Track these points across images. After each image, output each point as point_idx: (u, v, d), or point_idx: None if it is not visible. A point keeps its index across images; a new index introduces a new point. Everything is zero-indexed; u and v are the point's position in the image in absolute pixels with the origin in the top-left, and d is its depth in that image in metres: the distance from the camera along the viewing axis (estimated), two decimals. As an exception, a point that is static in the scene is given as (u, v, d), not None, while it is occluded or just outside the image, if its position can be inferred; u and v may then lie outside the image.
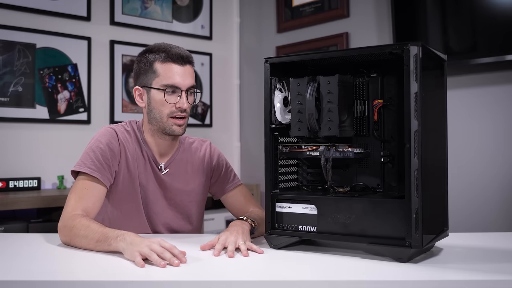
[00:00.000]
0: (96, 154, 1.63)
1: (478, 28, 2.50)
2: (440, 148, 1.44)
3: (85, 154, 1.64)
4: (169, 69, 1.65)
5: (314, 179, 1.58)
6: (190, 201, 1.79)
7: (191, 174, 1.79)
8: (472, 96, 2.59)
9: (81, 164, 1.62)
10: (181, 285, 1.12)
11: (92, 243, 1.40)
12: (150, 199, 1.72)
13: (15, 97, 2.81)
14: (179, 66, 1.66)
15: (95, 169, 1.61)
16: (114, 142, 1.67)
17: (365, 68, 1.49)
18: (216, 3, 3.70)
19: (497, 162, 2.51)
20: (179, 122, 1.67)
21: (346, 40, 3.11)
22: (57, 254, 1.38)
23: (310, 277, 1.19)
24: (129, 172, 1.69)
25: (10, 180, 2.70)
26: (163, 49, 1.67)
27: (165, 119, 1.67)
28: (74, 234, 1.45)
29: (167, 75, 1.65)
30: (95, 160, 1.62)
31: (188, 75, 1.67)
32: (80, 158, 1.64)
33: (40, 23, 2.91)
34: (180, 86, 1.65)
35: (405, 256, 1.25)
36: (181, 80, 1.65)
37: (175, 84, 1.65)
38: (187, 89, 1.67)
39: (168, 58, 1.65)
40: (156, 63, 1.66)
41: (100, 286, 1.12)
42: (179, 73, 1.66)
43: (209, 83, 3.63)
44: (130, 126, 1.75)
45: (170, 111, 1.66)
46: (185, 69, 1.67)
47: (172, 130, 1.68)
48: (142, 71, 1.69)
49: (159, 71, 1.65)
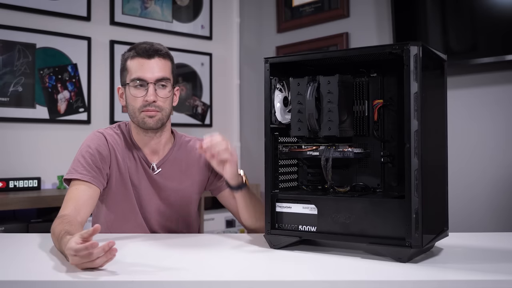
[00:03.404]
0: (86, 159, 1.64)
1: (478, 28, 2.49)
2: (440, 148, 1.44)
3: (76, 160, 1.66)
4: (135, 63, 1.68)
5: (314, 179, 1.58)
6: (186, 200, 1.79)
7: (185, 173, 1.79)
8: (472, 96, 2.59)
9: (72, 171, 1.63)
10: (181, 285, 1.12)
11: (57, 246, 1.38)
12: (144, 200, 1.72)
13: (15, 97, 2.81)
14: (145, 59, 1.68)
15: (86, 174, 1.62)
16: (103, 146, 1.68)
17: (365, 68, 1.49)
18: (216, 3, 3.70)
19: (497, 162, 2.51)
20: (150, 114, 1.67)
21: (346, 40, 3.11)
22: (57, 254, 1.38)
23: (310, 277, 1.19)
24: (121, 175, 1.69)
25: (10, 180, 2.70)
26: (133, 46, 1.72)
27: (137, 113, 1.68)
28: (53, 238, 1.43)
29: (133, 69, 1.68)
30: (85, 165, 1.63)
31: (156, 68, 1.68)
32: (71, 165, 1.66)
33: (40, 23, 2.91)
34: (145, 78, 1.66)
35: (405, 256, 1.25)
36: (145, 73, 1.66)
37: (140, 77, 1.66)
38: (155, 81, 1.67)
39: (135, 53, 1.69)
40: (127, 60, 1.71)
41: (100, 286, 1.12)
42: (144, 66, 1.67)
43: (209, 83, 3.63)
44: (119, 129, 1.77)
45: (140, 105, 1.67)
46: (152, 61, 1.68)
47: (144, 123, 1.68)
48: (120, 70, 1.75)
49: (129, 67, 1.69)
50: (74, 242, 1.16)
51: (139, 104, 1.67)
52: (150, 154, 1.75)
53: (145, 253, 1.41)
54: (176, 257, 1.36)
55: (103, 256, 1.16)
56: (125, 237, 1.62)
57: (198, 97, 3.54)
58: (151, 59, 1.68)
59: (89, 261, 1.15)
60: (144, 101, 1.66)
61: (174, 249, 1.48)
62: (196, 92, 3.54)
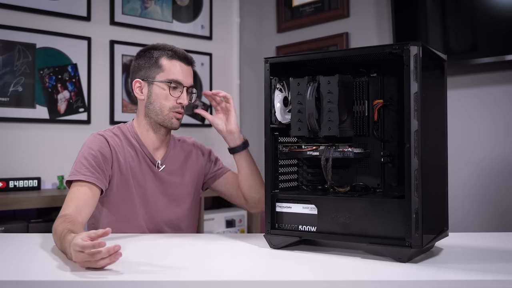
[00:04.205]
0: (89, 161, 1.64)
1: (478, 28, 2.49)
2: (440, 148, 1.44)
3: (78, 162, 1.66)
4: (175, 65, 1.74)
5: (314, 179, 1.58)
6: (187, 194, 1.83)
7: (184, 166, 1.84)
8: (472, 96, 2.59)
9: (75, 172, 1.63)
10: (181, 285, 1.12)
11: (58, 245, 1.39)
12: (150, 199, 1.74)
13: (15, 97, 2.81)
14: (184, 65, 1.76)
15: (90, 175, 1.62)
16: (105, 147, 1.69)
17: (365, 68, 1.49)
18: (216, 3, 3.70)
19: (497, 162, 2.51)
20: (179, 116, 1.75)
21: (346, 40, 3.11)
22: (58, 254, 1.38)
23: (310, 277, 1.19)
24: (122, 176, 1.70)
25: (10, 180, 2.70)
26: (169, 47, 1.77)
27: (166, 112, 1.73)
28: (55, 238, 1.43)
29: (172, 71, 1.73)
30: (88, 166, 1.63)
31: (190, 75, 1.77)
32: (73, 167, 1.65)
33: (40, 23, 2.91)
34: (183, 83, 1.73)
35: (405, 256, 1.25)
36: (185, 78, 1.74)
37: (180, 80, 1.73)
38: (188, 87, 1.75)
39: (175, 55, 1.75)
40: (162, 58, 1.74)
41: (100, 286, 1.12)
42: (183, 71, 1.75)
43: (209, 83, 3.62)
44: (119, 130, 1.78)
45: (172, 106, 1.73)
46: (189, 69, 1.77)
47: (171, 123, 1.74)
48: (146, 65, 1.75)
49: (165, 66, 1.73)
50: (80, 239, 1.17)
51: (171, 104, 1.72)
52: (154, 152, 1.79)
53: (145, 253, 1.41)
54: (176, 257, 1.36)
55: (107, 258, 1.17)
56: (125, 237, 1.62)
57: (198, 97, 3.54)
58: (189, 66, 1.77)
59: (93, 260, 1.16)
60: (177, 103, 1.73)
61: (174, 249, 1.48)
62: (196, 92, 3.54)
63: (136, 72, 1.77)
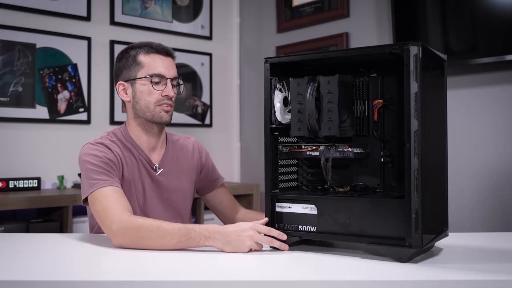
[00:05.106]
0: (98, 169, 1.58)
1: (478, 28, 2.49)
2: (440, 148, 1.44)
3: (88, 174, 1.59)
4: (154, 59, 1.71)
5: (314, 179, 1.58)
6: (184, 198, 1.81)
7: (182, 171, 1.81)
8: (472, 96, 2.59)
9: (91, 185, 1.56)
10: (181, 285, 1.12)
11: (171, 243, 1.41)
12: (148, 203, 1.72)
13: (15, 97, 2.81)
14: (163, 56, 1.73)
15: (108, 179, 1.57)
16: (108, 152, 1.64)
17: (365, 68, 1.49)
18: (216, 3, 3.70)
19: (497, 162, 2.51)
20: (167, 109, 1.71)
21: (346, 40, 3.11)
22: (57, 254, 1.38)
23: (310, 277, 1.19)
24: (125, 181, 1.67)
25: (10, 180, 2.70)
26: (145, 44, 1.74)
27: (152, 108, 1.69)
28: (142, 236, 1.42)
29: (152, 65, 1.70)
30: (101, 172, 1.58)
31: (171, 66, 1.74)
32: (85, 182, 1.58)
33: (40, 23, 2.91)
34: (165, 74, 1.70)
35: (405, 256, 1.25)
36: (166, 70, 1.71)
37: (161, 73, 1.69)
38: (172, 79, 1.72)
39: (152, 49, 1.72)
40: (139, 55, 1.71)
41: (100, 286, 1.12)
42: (163, 63, 1.72)
43: (209, 83, 3.62)
44: (114, 135, 1.73)
45: (157, 100, 1.69)
46: (169, 60, 1.74)
47: (160, 117, 1.70)
48: (126, 66, 1.73)
49: (144, 62, 1.70)
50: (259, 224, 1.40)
51: (155, 99, 1.69)
52: (151, 154, 1.75)
53: (144, 253, 1.41)
54: (176, 257, 1.36)
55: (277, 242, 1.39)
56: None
57: (198, 97, 3.54)
58: (168, 57, 1.74)
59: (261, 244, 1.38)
60: (162, 95, 1.69)
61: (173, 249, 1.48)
62: (196, 92, 3.54)
63: (118, 75, 1.74)
